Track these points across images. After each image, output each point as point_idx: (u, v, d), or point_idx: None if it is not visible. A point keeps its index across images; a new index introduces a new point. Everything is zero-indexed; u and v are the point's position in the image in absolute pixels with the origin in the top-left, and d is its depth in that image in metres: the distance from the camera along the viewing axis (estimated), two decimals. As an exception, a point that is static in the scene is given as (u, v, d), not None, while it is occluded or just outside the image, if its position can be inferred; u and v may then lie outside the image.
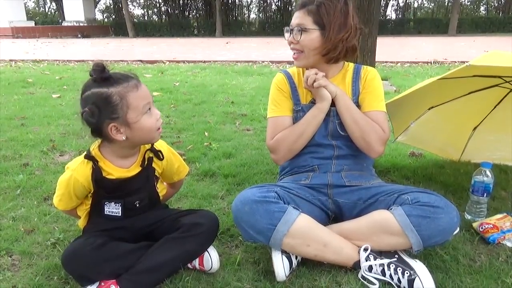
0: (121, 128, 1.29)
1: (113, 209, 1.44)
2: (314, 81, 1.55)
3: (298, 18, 1.56)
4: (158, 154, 1.47)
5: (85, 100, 1.26)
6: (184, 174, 1.66)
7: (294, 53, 1.62)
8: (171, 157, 1.56)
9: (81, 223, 1.52)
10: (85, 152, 1.41)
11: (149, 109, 1.33)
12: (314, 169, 1.66)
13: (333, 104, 1.61)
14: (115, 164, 1.40)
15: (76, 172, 1.37)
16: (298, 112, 1.67)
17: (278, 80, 1.73)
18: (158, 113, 1.37)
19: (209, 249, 1.46)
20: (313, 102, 1.65)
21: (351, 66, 1.70)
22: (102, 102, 1.24)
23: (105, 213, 1.44)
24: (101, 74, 1.25)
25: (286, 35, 1.62)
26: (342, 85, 1.66)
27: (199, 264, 1.46)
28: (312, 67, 1.61)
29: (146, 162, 1.45)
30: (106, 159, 1.39)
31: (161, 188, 1.58)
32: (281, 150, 1.66)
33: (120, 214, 1.45)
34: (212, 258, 1.45)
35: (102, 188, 1.40)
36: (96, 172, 1.37)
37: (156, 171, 1.51)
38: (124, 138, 1.31)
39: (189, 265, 1.47)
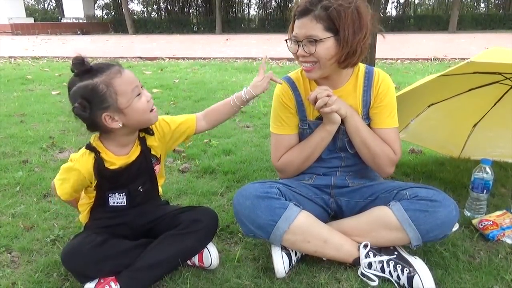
0: (114, 116, 1.28)
1: (117, 199, 1.43)
2: (325, 104, 1.40)
3: (305, 27, 1.36)
4: (148, 130, 1.44)
5: (73, 97, 1.25)
6: (193, 125, 1.53)
7: (307, 66, 1.44)
8: (161, 124, 1.49)
9: (83, 218, 1.52)
10: (83, 149, 1.39)
11: (139, 93, 1.31)
12: (318, 174, 1.64)
13: (342, 122, 1.49)
14: (116, 154, 1.39)
15: (78, 163, 1.35)
16: (305, 129, 1.57)
17: (283, 93, 1.58)
18: (148, 94, 1.34)
19: (208, 246, 1.47)
20: (320, 118, 1.52)
21: (361, 69, 1.54)
22: (89, 94, 1.23)
23: (110, 204, 1.43)
24: (82, 67, 1.24)
25: (293, 47, 1.43)
26: (353, 96, 1.53)
27: (198, 261, 1.46)
28: (327, 77, 1.49)
29: (142, 143, 1.44)
30: (107, 149, 1.38)
31: (160, 177, 1.57)
32: (289, 171, 1.62)
33: (125, 203, 1.44)
34: (211, 254, 1.45)
35: (106, 179, 1.39)
36: (99, 163, 1.36)
37: (153, 149, 1.48)
38: (120, 125, 1.30)
39: (188, 262, 1.47)
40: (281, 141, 1.60)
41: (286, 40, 1.47)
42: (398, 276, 1.37)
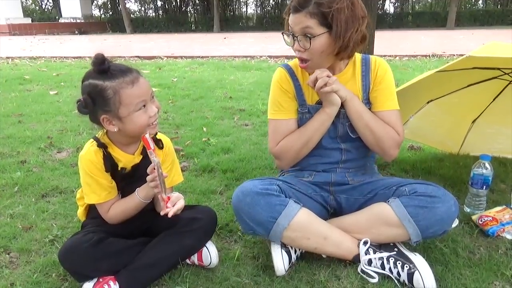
0: (113, 120, 1.30)
1: None
2: (325, 84, 1.40)
3: (299, 22, 1.37)
4: (158, 143, 1.45)
5: (83, 89, 1.29)
6: (176, 182, 1.56)
7: (302, 64, 1.47)
8: (169, 154, 1.52)
9: (81, 215, 1.52)
10: (91, 140, 1.39)
11: (144, 106, 1.31)
12: (318, 171, 1.62)
13: (342, 105, 1.49)
14: (122, 150, 1.40)
15: (88, 155, 1.36)
16: (304, 113, 1.56)
17: (281, 78, 1.58)
18: (154, 110, 1.33)
19: (207, 245, 1.46)
20: (320, 103, 1.52)
21: (358, 57, 1.56)
22: (96, 94, 1.26)
23: None
24: (100, 66, 1.26)
25: (289, 41, 1.44)
26: (352, 81, 1.54)
27: (198, 260, 1.46)
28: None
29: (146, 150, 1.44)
30: (114, 145, 1.40)
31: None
32: (286, 158, 1.58)
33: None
34: (211, 253, 1.45)
35: (115, 177, 1.40)
36: (109, 159, 1.37)
37: None
38: (115, 130, 1.32)
39: (188, 261, 1.47)
40: (279, 126, 1.58)
41: (282, 33, 1.47)
42: (398, 273, 1.36)
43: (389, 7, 31.95)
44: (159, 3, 33.99)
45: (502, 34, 14.46)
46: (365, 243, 1.43)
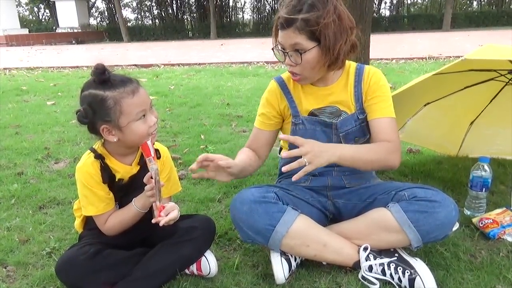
0: (112, 130, 1.29)
1: None
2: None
3: (289, 39, 1.38)
4: (155, 153, 1.44)
5: (82, 99, 1.28)
6: (174, 191, 1.55)
7: (295, 77, 1.50)
8: (167, 163, 1.51)
9: (78, 226, 1.51)
10: (88, 151, 1.38)
11: (144, 115, 1.31)
12: (314, 174, 1.61)
13: (339, 113, 1.52)
14: (120, 161, 1.39)
15: (85, 167, 1.35)
16: (298, 125, 1.56)
17: (269, 91, 1.61)
18: (153, 120, 1.33)
19: (206, 254, 1.45)
20: (314, 114, 1.53)
21: (352, 67, 1.56)
22: (96, 104, 1.25)
23: None
24: (100, 76, 1.25)
25: (280, 56, 1.46)
26: (345, 91, 1.54)
27: (197, 269, 1.44)
28: (317, 79, 1.52)
29: (143, 161, 1.43)
30: (111, 156, 1.39)
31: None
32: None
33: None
34: (209, 262, 1.43)
35: (112, 188, 1.39)
36: (107, 171, 1.36)
37: None
38: (115, 140, 1.31)
39: (186, 271, 1.46)
40: (256, 135, 1.66)
41: (272, 49, 1.48)
42: (399, 279, 1.35)
43: (385, 11, 32.13)
44: (155, 11, 34.14)
45: (497, 35, 14.55)
46: (365, 249, 1.42)
